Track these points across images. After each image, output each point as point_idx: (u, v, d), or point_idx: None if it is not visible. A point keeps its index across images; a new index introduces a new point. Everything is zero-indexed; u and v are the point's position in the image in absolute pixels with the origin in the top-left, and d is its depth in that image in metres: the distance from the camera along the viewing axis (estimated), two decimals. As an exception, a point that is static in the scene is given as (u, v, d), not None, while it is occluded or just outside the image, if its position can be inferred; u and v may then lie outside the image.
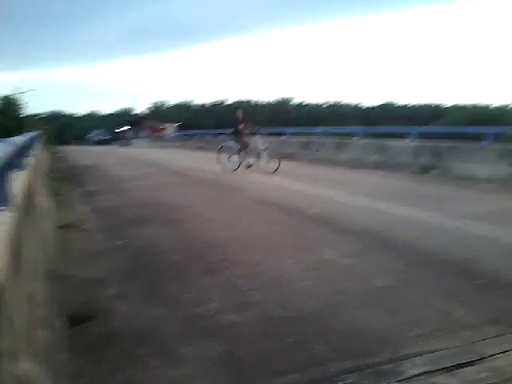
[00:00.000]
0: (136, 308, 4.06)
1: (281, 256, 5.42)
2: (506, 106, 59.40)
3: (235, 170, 14.47)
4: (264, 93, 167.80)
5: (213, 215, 7.92)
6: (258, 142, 14.85)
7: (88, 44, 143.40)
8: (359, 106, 78.26)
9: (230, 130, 16.02)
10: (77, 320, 3.67)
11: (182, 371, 3.00)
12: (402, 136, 15.97)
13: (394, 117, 58.49)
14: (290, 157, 20.15)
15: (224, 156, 15.12)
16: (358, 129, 18.54)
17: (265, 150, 14.63)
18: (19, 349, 2.30)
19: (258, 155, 14.67)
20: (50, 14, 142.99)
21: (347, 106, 78.10)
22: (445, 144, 13.74)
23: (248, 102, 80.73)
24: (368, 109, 74.94)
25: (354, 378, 2.82)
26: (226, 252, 5.61)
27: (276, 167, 13.58)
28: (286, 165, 14.27)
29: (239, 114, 15.39)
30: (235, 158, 14.87)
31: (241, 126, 15.08)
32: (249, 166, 14.65)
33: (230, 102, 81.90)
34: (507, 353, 3.09)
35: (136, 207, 8.90)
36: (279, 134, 23.71)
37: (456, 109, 63.72)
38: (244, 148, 14.93)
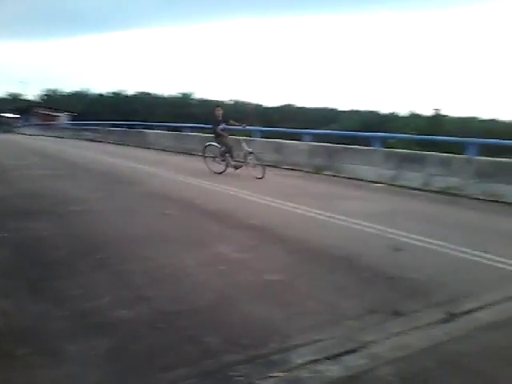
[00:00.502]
0: (18, 305, 3.80)
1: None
2: (393, 113, 63.97)
3: (220, 173, 12.74)
4: (165, 86, 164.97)
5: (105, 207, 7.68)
6: (243, 143, 13.04)
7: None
8: (260, 105, 79.70)
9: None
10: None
11: (66, 370, 2.85)
12: (299, 137, 16.53)
13: (292, 118, 60.39)
14: (190, 152, 20.12)
15: (209, 158, 13.44)
16: (257, 128, 18.84)
17: (251, 153, 12.86)
18: None
19: (246, 158, 12.87)
20: None
21: (248, 104, 79.25)
22: (338, 146, 14.49)
23: (148, 95, 78.92)
24: (268, 109, 76.59)
25: (245, 369, 2.87)
26: (120, 247, 5.46)
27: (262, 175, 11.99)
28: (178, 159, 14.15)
29: (218, 112, 13.23)
30: (219, 160, 13.11)
31: (220, 127, 13.07)
32: (237, 168, 12.82)
33: (130, 92, 79.49)
34: (385, 340, 3.34)
35: (21, 198, 8.35)
36: (178, 129, 23.53)
37: (351, 113, 67.32)
38: (227, 149, 12.97)
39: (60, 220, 6.76)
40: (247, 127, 14.35)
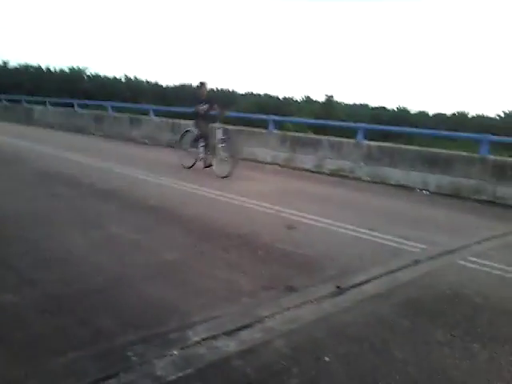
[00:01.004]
0: None
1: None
2: (289, 98, 65.60)
3: (189, 167, 10.48)
4: (54, 59, 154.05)
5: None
6: (218, 131, 10.19)
7: None
8: (157, 84, 77.62)
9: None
10: None
11: None
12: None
13: (189, 96, 59.74)
14: (81, 131, 19.15)
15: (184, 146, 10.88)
16: (152, 107, 18.36)
17: (223, 142, 10.05)
18: None
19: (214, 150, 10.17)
20: None
21: (145, 82, 76.84)
22: (234, 128, 14.59)
23: (37, 68, 73.47)
24: (166, 88, 74.81)
25: (141, 349, 2.82)
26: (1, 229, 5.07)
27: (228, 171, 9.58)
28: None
29: (203, 90, 10.62)
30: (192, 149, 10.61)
31: (203, 107, 10.40)
32: (207, 166, 10.23)
33: (12, 64, 73.37)
34: (278, 314, 3.45)
35: None
36: (70, 105, 22.20)
37: (249, 97, 67.96)
38: (203, 137, 10.45)
39: None
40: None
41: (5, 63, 65.94)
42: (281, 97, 67.34)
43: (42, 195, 6.89)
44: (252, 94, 72.22)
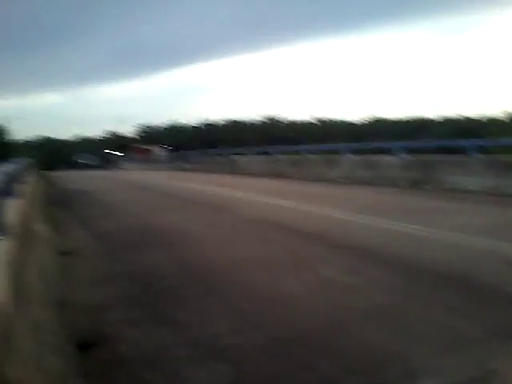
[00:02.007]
0: (142, 333, 4.02)
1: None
2: (485, 117, 60.15)
3: None
4: (252, 112, 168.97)
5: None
6: None
7: (72, 70, 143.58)
8: (348, 122, 78.81)
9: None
10: (84, 346, 3.64)
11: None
12: (390, 151, 16.13)
13: (382, 132, 58.95)
14: (280, 176, 20.33)
15: None
16: (347, 146, 18.68)
17: None
18: (30, 377, 2.28)
19: None
20: (32, 41, 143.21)
21: (335, 122, 78.65)
22: (433, 158, 13.94)
23: (235, 122, 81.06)
24: (356, 125, 75.50)
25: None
26: (226, 274, 5.63)
27: None
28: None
29: None
30: None
31: None
32: None
33: (217, 122, 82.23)
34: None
35: (131, 232, 8.87)
36: (266, 153, 23.88)
37: (442, 121, 64.44)
38: None
39: (168, 250, 7.06)
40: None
41: (214, 122, 73.87)
42: (472, 116, 61.90)
43: (254, 241, 7.44)
44: (443, 118, 68.10)
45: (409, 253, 6.16)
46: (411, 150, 15.86)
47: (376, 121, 76.85)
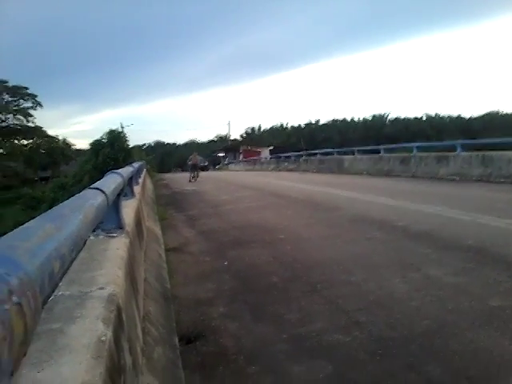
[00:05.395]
0: (244, 328, 4.12)
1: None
2: None
3: None
4: (357, 110, 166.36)
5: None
6: None
7: (182, 77, 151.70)
8: (460, 116, 74.29)
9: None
10: (188, 338, 3.80)
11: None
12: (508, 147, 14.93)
13: (498, 126, 54.75)
14: (388, 174, 19.74)
15: None
16: (458, 142, 17.59)
17: None
18: (140, 364, 2.43)
19: None
20: (145, 53, 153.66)
21: (446, 117, 74.51)
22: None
23: (340, 121, 79.99)
24: (469, 119, 70.92)
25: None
26: (327, 272, 5.57)
27: None
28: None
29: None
30: None
31: None
32: None
33: (322, 121, 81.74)
34: None
35: (235, 230, 9.11)
36: (375, 152, 23.26)
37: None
38: None
39: (269, 248, 7.16)
40: None
41: (316, 121, 73.60)
42: None
43: (358, 239, 7.29)
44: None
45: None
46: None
47: (492, 115, 71.62)
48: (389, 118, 77.73)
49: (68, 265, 1.74)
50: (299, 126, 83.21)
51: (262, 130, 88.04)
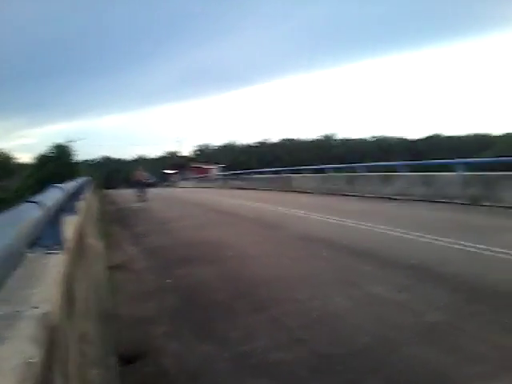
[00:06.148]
0: (186, 347, 4.04)
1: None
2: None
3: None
4: (306, 131, 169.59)
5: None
6: None
7: (132, 93, 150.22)
8: (404, 138, 77.12)
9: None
10: (128, 359, 3.69)
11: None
12: (449, 169, 15.57)
13: (440, 149, 57.19)
14: (335, 193, 20.14)
15: None
16: (403, 163, 18.23)
17: None
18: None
19: None
20: (94, 65, 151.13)
21: (392, 139, 77.13)
22: (496, 174, 13.35)
23: (290, 141, 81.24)
24: (413, 141, 73.73)
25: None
26: (272, 290, 5.58)
27: None
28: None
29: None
30: None
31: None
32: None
33: (273, 140, 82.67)
34: None
35: (182, 247, 8.99)
36: (322, 171, 23.70)
37: (505, 137, 61.82)
38: None
39: (216, 265, 7.11)
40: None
41: (267, 140, 74.40)
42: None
43: (304, 257, 7.36)
44: (508, 134, 65.19)
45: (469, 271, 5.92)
46: (472, 167, 15.27)
47: (435, 137, 74.77)
48: (337, 138, 79.75)
49: (0, 282, 1.66)
50: (250, 145, 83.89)
51: (212, 147, 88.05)
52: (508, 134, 65.80)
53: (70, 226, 4.76)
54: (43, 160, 27.70)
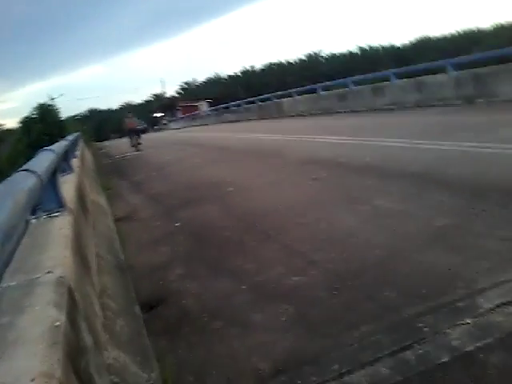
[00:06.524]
0: (203, 285, 4.14)
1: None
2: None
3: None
4: (291, 52, 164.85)
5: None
6: None
7: (105, 40, 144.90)
8: (392, 46, 75.02)
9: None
10: (150, 305, 3.80)
11: (258, 338, 3.04)
12: (441, 71, 15.22)
13: (430, 51, 55.76)
14: (328, 111, 19.93)
15: None
16: (392, 71, 17.78)
17: None
18: (103, 341, 2.40)
19: None
20: (66, 18, 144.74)
21: (379, 48, 75.08)
22: (486, 69, 13.10)
23: (278, 64, 79.23)
24: (402, 48, 71.69)
25: (431, 319, 2.79)
26: (277, 218, 5.65)
27: None
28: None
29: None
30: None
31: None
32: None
33: (258, 67, 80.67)
34: None
35: (183, 190, 9.03)
36: (314, 91, 23.28)
37: (497, 30, 60.00)
38: None
39: (219, 203, 7.15)
40: None
41: (252, 68, 72.50)
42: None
43: (305, 181, 7.38)
44: (499, 26, 63.21)
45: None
46: (463, 66, 14.91)
47: (422, 41, 72.74)
48: (323, 55, 77.75)
49: (8, 253, 1.67)
50: (235, 74, 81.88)
51: (198, 83, 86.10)
52: (497, 25, 63.98)
53: (68, 185, 4.76)
54: (28, 123, 27.21)
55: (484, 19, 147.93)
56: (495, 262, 3.35)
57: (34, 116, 27.50)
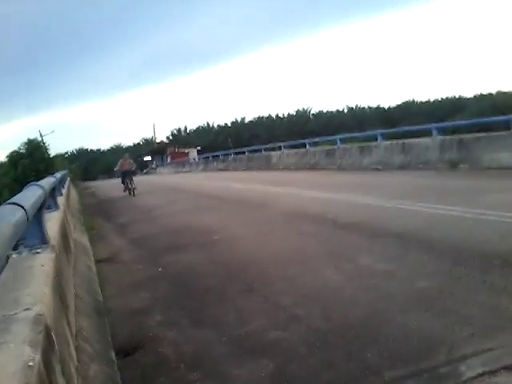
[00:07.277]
0: (183, 334, 4.04)
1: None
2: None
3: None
4: (282, 106, 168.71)
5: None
6: None
7: (103, 81, 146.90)
8: (379, 107, 77.34)
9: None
10: (126, 351, 3.68)
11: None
12: (425, 134, 15.72)
13: (415, 114, 57.59)
14: (314, 167, 20.21)
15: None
16: (379, 132, 18.27)
17: None
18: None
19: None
20: (61, 56, 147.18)
21: (367, 108, 77.33)
22: (472, 136, 13.52)
23: (268, 118, 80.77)
24: (388, 109, 73.89)
25: (411, 384, 2.74)
26: (261, 269, 5.61)
27: None
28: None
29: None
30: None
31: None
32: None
33: (248, 119, 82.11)
34: None
35: (168, 234, 8.95)
36: (301, 146, 23.72)
37: (478, 99, 62.44)
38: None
39: (204, 250, 7.09)
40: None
41: (242, 119, 73.79)
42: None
43: (291, 234, 7.38)
44: (481, 95, 65.72)
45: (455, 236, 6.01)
46: (447, 131, 15.43)
47: (409, 104, 75.17)
48: (312, 112, 79.62)
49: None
50: (226, 124, 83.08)
51: (188, 130, 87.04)
52: (481, 95, 66.63)
53: (52, 222, 4.70)
54: (16, 158, 27.17)
55: (465, 88, 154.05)
56: (476, 328, 3.33)
57: (22, 151, 27.49)
